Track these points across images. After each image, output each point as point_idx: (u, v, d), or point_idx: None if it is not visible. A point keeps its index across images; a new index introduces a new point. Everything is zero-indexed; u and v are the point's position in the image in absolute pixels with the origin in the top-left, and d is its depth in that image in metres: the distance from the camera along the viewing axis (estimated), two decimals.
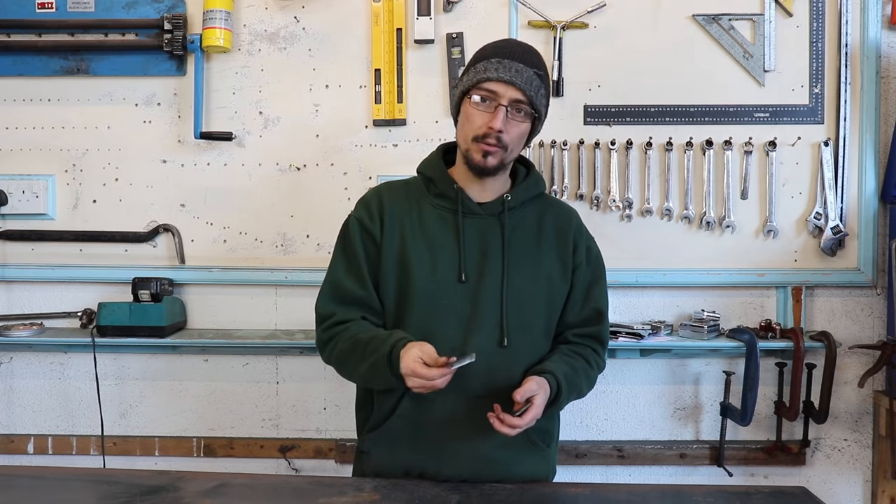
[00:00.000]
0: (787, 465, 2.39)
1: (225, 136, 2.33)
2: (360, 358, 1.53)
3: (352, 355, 1.55)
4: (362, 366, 1.53)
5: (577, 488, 1.62)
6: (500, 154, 1.55)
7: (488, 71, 1.53)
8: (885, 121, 2.32)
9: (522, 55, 1.56)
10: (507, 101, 1.52)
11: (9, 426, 2.48)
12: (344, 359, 1.58)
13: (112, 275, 2.38)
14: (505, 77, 1.51)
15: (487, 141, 1.53)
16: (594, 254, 1.70)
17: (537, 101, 1.55)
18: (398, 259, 1.59)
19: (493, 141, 1.53)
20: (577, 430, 2.42)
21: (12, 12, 2.34)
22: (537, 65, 1.57)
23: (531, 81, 1.53)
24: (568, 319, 1.65)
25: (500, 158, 1.55)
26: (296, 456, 2.42)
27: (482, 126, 1.53)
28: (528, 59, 1.56)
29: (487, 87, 1.53)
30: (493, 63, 1.53)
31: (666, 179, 2.33)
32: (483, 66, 1.54)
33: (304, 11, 2.36)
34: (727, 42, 2.32)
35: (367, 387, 1.64)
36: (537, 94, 1.55)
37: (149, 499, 1.45)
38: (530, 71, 1.54)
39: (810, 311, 2.37)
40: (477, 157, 1.55)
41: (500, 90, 1.52)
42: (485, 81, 1.53)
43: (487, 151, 1.54)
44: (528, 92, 1.53)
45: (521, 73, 1.52)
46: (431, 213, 1.61)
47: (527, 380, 1.50)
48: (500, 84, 1.52)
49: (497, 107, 1.52)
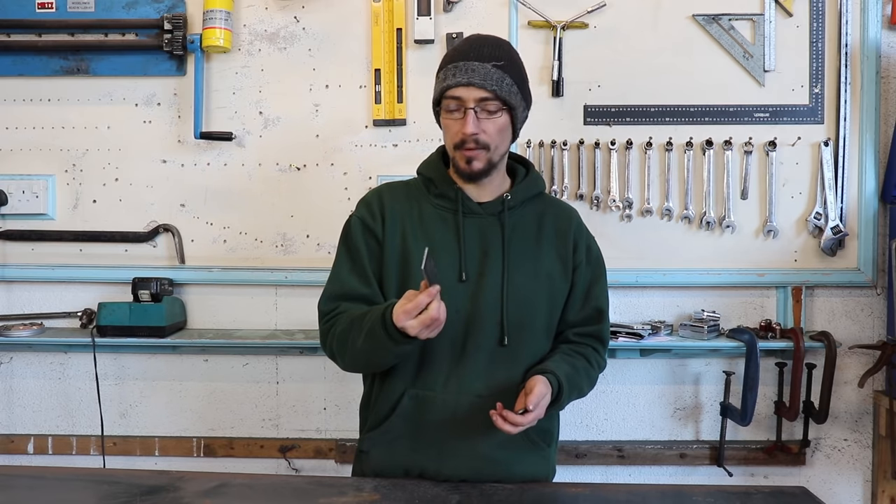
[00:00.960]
0: (787, 465, 2.39)
1: (225, 136, 2.33)
2: (357, 331, 1.50)
3: (350, 332, 1.52)
4: (360, 339, 1.49)
5: (577, 488, 1.62)
6: (484, 155, 1.55)
7: (447, 79, 1.53)
8: (885, 121, 2.32)
9: (479, 52, 1.54)
10: (473, 102, 1.52)
11: (9, 426, 2.48)
12: (343, 339, 1.54)
13: (112, 275, 2.38)
14: (462, 80, 1.51)
15: (466, 147, 1.53)
16: (594, 253, 1.70)
17: (503, 92, 1.53)
18: (400, 258, 1.59)
19: (472, 145, 1.53)
20: (577, 430, 2.42)
21: (12, 12, 2.35)
22: (495, 56, 1.54)
23: (490, 76, 1.52)
24: (568, 318, 1.65)
25: (486, 159, 1.55)
26: (296, 456, 2.43)
27: (457, 133, 1.54)
28: (483, 53, 1.54)
29: (451, 95, 1.53)
30: (450, 70, 1.54)
31: (666, 179, 2.34)
32: (443, 75, 1.56)
33: (304, 11, 2.36)
34: (727, 42, 2.32)
35: (370, 368, 1.60)
36: (501, 86, 1.53)
37: (149, 499, 1.45)
38: (486, 66, 1.52)
39: (810, 311, 2.37)
40: (462, 165, 1.56)
41: (462, 94, 1.52)
42: (447, 90, 1.53)
43: (470, 157, 1.54)
44: (490, 87, 1.52)
45: (476, 72, 1.51)
46: (432, 214, 1.61)
47: (535, 380, 1.49)
48: (461, 88, 1.52)
49: (465, 111, 1.53)
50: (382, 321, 1.44)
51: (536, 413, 1.46)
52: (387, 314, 1.44)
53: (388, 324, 1.42)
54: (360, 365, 1.60)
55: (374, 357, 1.52)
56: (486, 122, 1.53)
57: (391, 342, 1.44)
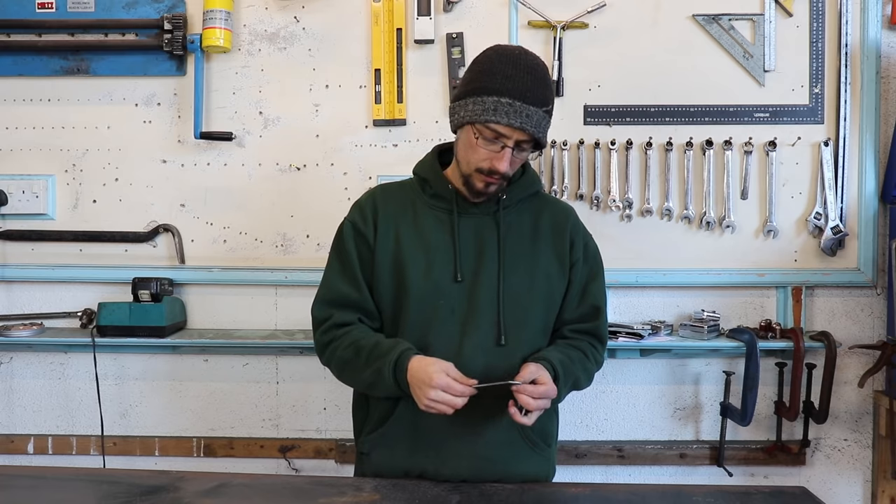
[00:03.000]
0: (787, 465, 2.39)
1: (225, 136, 2.33)
2: (363, 364, 1.53)
3: (353, 361, 1.55)
4: (364, 372, 1.53)
5: (577, 488, 1.62)
6: (502, 184, 1.56)
7: (498, 114, 1.47)
8: (885, 121, 2.32)
9: (535, 94, 1.48)
10: (514, 142, 1.50)
11: (9, 426, 2.48)
12: (344, 364, 1.58)
13: (112, 275, 2.38)
14: (515, 124, 1.47)
15: (492, 177, 1.53)
16: (591, 250, 1.69)
17: (543, 137, 1.53)
18: (393, 260, 1.59)
19: (498, 177, 1.53)
20: (577, 430, 2.42)
21: (12, 12, 2.35)
22: (546, 100, 1.51)
23: (540, 124, 1.50)
24: (565, 316, 1.65)
25: (501, 186, 1.57)
26: (296, 456, 2.42)
27: (486, 161, 1.52)
28: (539, 95, 1.49)
29: (495, 129, 1.48)
30: (503, 105, 1.47)
31: (666, 179, 2.33)
32: (493, 106, 1.47)
33: (304, 11, 2.36)
34: (727, 42, 2.32)
35: (366, 392, 1.63)
36: (544, 132, 1.53)
37: (149, 499, 1.45)
38: (540, 112, 1.49)
39: (810, 311, 2.37)
40: (479, 186, 1.55)
41: (508, 133, 1.49)
42: (493, 123, 1.48)
43: (490, 184, 1.54)
44: (537, 134, 1.50)
45: (531, 118, 1.48)
46: (427, 214, 1.61)
47: (524, 366, 1.50)
48: (509, 129, 1.48)
49: (503, 148, 1.50)
50: (394, 370, 1.48)
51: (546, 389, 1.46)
52: (400, 363, 1.47)
53: (399, 375, 1.47)
54: (357, 390, 1.66)
55: (373, 391, 1.58)
56: (516, 158, 1.53)
57: (396, 387, 1.49)
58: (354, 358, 1.55)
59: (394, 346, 1.52)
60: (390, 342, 1.54)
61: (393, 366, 1.48)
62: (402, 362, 1.48)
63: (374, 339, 1.55)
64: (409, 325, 1.56)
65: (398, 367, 1.48)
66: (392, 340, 1.55)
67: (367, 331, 1.60)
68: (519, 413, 1.46)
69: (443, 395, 1.42)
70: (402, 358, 1.48)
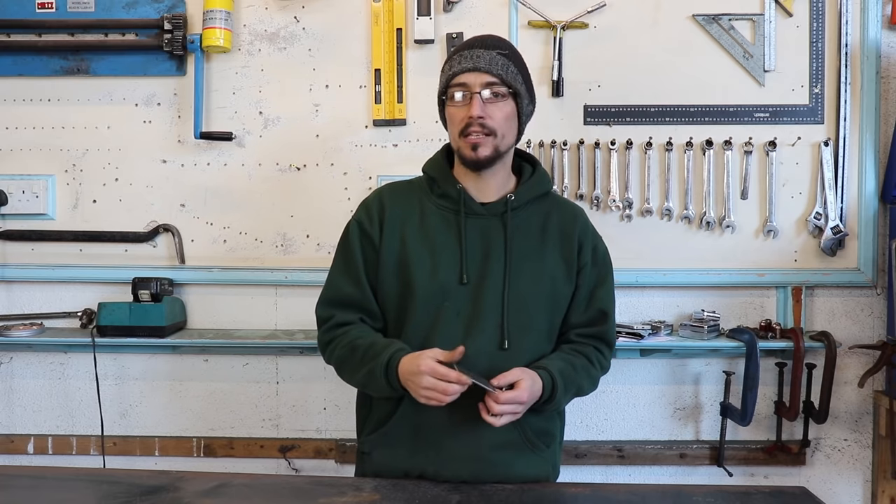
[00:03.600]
0: (787, 465, 2.39)
1: (225, 136, 2.33)
2: (358, 363, 1.54)
3: (349, 360, 1.56)
4: (360, 371, 1.54)
5: (577, 488, 1.62)
6: (491, 141, 1.54)
7: (453, 67, 1.56)
8: (885, 121, 2.32)
9: (483, 41, 1.58)
10: (479, 86, 1.53)
11: (9, 426, 2.48)
12: (342, 363, 1.60)
13: (112, 275, 2.38)
14: (469, 65, 1.54)
15: (471, 130, 1.53)
16: (601, 254, 1.68)
17: (509, 78, 1.55)
18: (399, 261, 1.58)
19: (477, 128, 1.53)
20: (577, 430, 2.42)
21: (12, 12, 2.34)
22: (499, 45, 1.58)
23: (495, 61, 1.54)
24: (572, 320, 1.65)
25: (493, 146, 1.55)
26: (296, 456, 2.42)
27: (463, 119, 1.54)
28: (488, 42, 1.58)
29: (457, 82, 1.55)
30: (455, 59, 1.57)
31: (666, 179, 2.33)
32: (448, 66, 1.58)
33: (304, 11, 2.36)
34: (727, 42, 2.32)
35: (364, 391, 1.65)
36: (507, 72, 1.55)
37: (149, 499, 1.45)
38: (492, 52, 1.55)
39: (810, 311, 2.37)
40: (467, 152, 1.55)
41: (468, 80, 1.54)
42: (453, 77, 1.55)
43: (475, 143, 1.53)
44: (496, 71, 1.54)
45: (482, 57, 1.54)
46: (434, 214, 1.60)
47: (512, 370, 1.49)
48: (467, 74, 1.54)
49: (472, 96, 1.53)
50: (386, 370, 1.48)
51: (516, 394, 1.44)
52: (391, 364, 1.47)
53: (391, 375, 1.48)
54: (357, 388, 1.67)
55: (369, 390, 1.59)
56: (492, 107, 1.54)
57: (388, 387, 1.50)
58: (350, 357, 1.56)
59: (387, 346, 1.52)
60: (384, 343, 1.54)
61: (384, 367, 1.48)
62: (392, 363, 1.48)
63: (370, 340, 1.56)
64: (413, 326, 1.56)
65: (389, 368, 1.48)
66: (386, 341, 1.55)
67: (365, 330, 1.60)
68: (486, 413, 1.46)
69: (432, 380, 1.41)
70: (393, 359, 1.48)
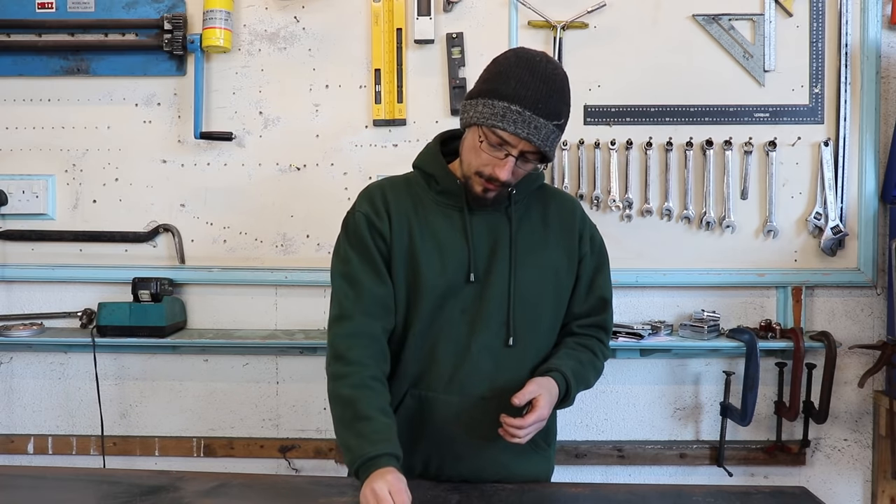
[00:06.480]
0: (787, 465, 2.39)
1: (225, 136, 2.33)
2: (344, 427, 1.44)
3: (341, 417, 1.46)
4: (341, 433, 1.45)
5: (577, 488, 1.62)
6: (501, 191, 1.53)
7: (506, 121, 1.43)
8: (885, 121, 2.32)
9: (547, 105, 1.44)
10: (518, 152, 1.46)
11: (9, 426, 2.48)
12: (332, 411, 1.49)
13: (112, 275, 2.38)
14: (521, 134, 1.43)
15: (490, 185, 1.50)
16: (598, 242, 1.68)
17: (550, 151, 1.48)
18: (408, 258, 1.54)
19: (496, 185, 1.50)
20: (577, 430, 2.42)
21: (12, 12, 2.34)
22: (559, 113, 1.47)
23: (548, 136, 1.45)
24: (573, 310, 1.64)
25: (500, 193, 1.53)
26: (296, 456, 2.42)
27: (488, 166, 1.48)
28: (551, 108, 1.45)
29: (501, 136, 1.44)
30: (512, 112, 1.42)
31: (666, 179, 2.33)
32: (502, 111, 1.43)
33: (304, 11, 2.36)
34: (727, 42, 2.32)
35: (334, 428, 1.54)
36: (552, 146, 1.48)
37: (149, 499, 1.45)
38: (550, 125, 1.45)
39: (810, 311, 2.37)
40: (477, 190, 1.52)
41: (514, 142, 1.44)
42: (500, 130, 1.44)
43: (488, 190, 1.51)
44: (543, 147, 1.46)
45: (539, 131, 1.43)
46: (436, 212, 1.57)
47: (528, 382, 1.48)
48: (515, 138, 1.44)
49: (507, 156, 1.46)
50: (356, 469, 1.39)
51: (539, 414, 1.45)
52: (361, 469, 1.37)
53: (361, 467, 1.38)
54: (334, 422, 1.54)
55: (337, 440, 1.48)
56: (519, 169, 1.50)
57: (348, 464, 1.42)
58: (341, 416, 1.46)
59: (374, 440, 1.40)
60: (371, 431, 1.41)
61: (354, 467, 1.39)
62: (371, 465, 1.37)
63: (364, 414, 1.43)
64: (419, 324, 1.54)
65: (359, 471, 1.38)
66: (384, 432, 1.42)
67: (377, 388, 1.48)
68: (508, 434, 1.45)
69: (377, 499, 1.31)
70: (374, 463, 1.37)
